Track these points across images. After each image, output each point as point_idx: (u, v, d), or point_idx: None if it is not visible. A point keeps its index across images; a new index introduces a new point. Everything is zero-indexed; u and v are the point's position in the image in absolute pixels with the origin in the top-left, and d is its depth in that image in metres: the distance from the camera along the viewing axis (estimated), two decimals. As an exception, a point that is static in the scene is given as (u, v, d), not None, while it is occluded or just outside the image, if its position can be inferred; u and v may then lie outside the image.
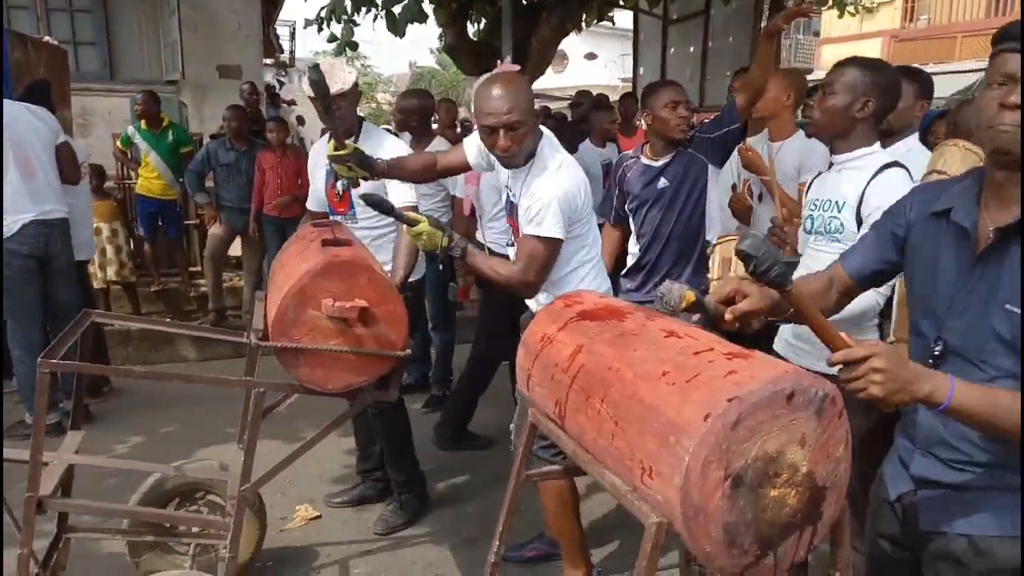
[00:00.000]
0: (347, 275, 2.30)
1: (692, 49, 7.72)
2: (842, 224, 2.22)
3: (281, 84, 16.90)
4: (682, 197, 3.08)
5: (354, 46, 6.86)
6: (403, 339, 2.40)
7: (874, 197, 2.13)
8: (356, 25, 6.69)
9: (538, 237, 2.32)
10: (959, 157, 2.64)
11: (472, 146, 2.63)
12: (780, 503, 1.19)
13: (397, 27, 6.02)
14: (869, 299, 2.13)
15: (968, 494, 1.38)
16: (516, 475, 1.77)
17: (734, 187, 3.41)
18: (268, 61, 13.78)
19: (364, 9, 6.42)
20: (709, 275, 2.34)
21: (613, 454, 1.34)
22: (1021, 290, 1.26)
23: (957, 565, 1.39)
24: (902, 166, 2.23)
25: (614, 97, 6.99)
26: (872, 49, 18.12)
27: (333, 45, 7.08)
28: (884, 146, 2.77)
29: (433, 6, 7.07)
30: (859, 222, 2.17)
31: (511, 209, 2.52)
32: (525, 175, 2.40)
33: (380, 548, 3.20)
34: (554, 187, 2.31)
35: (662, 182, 3.11)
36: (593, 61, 27.57)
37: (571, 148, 3.62)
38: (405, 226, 2.36)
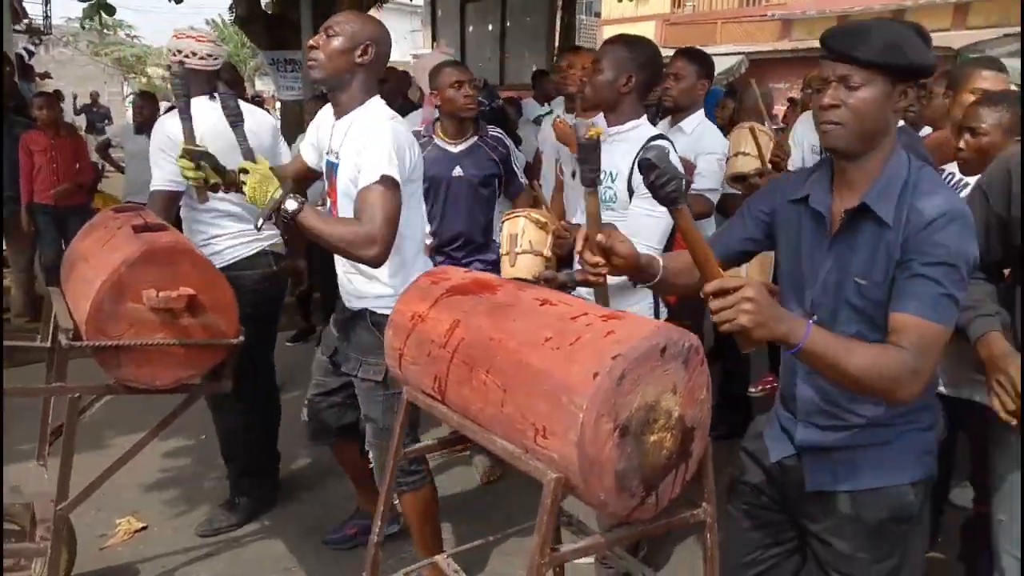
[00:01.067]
0: (169, 262, 2.16)
1: (491, 28, 7.87)
2: (615, 194, 2.36)
3: (31, 54, 14.90)
4: (477, 188, 3.18)
5: (109, 10, 6.20)
6: (234, 326, 2.29)
7: None
8: None
9: (377, 181, 2.06)
10: (755, 139, 3.00)
11: (306, 145, 2.54)
12: (659, 446, 1.32)
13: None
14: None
15: (848, 453, 1.56)
16: (394, 455, 1.78)
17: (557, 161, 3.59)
18: (17, 28, 12.08)
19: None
20: (500, 251, 2.45)
21: (502, 420, 1.40)
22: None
23: (842, 519, 1.57)
24: (667, 138, 2.43)
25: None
26: (647, 30, 19.55)
27: (85, 6, 6.36)
28: (674, 121, 3.07)
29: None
30: (630, 192, 2.33)
31: (329, 173, 2.36)
32: (348, 126, 2.25)
33: (221, 550, 3.04)
34: (389, 131, 2.15)
35: (458, 171, 3.17)
36: (384, 37, 27.13)
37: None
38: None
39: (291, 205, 1.97)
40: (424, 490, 2.53)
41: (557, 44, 7.58)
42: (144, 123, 5.31)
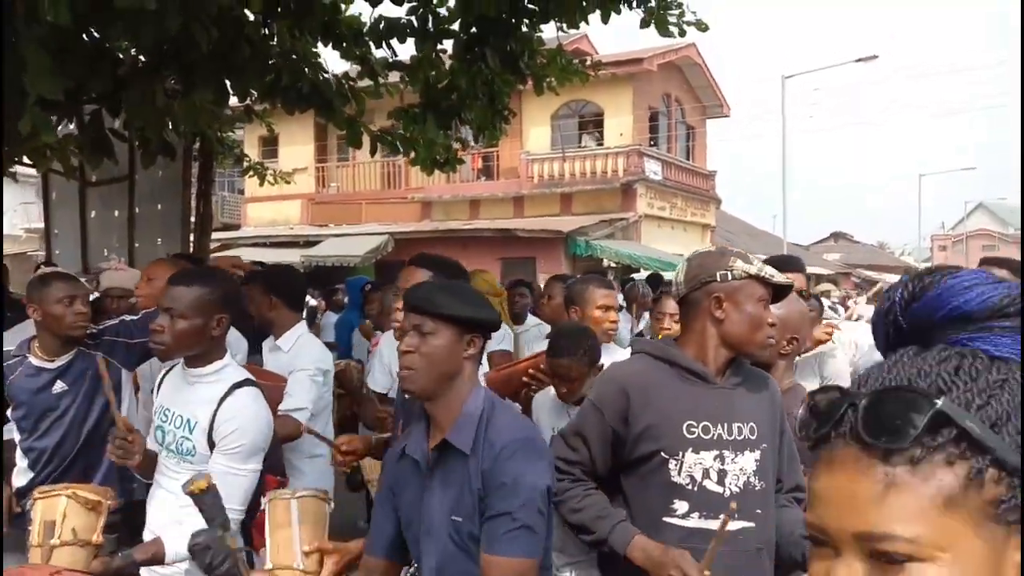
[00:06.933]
0: None
1: (117, 213, 7.30)
2: (194, 446, 2.12)
3: None
4: (88, 404, 2.73)
5: None
6: None
7: (224, 422, 2.08)
8: None
9: None
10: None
11: None
12: None
13: None
14: None
15: None
16: None
17: None
18: None
19: None
20: (30, 541, 1.83)
21: None
22: None
23: None
24: (255, 385, 2.21)
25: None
26: (292, 209, 19.85)
27: None
28: (276, 338, 2.98)
29: None
30: (211, 445, 2.09)
31: None
32: None
33: None
34: None
35: (59, 386, 2.71)
36: (-15, 207, 23.59)
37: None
38: None
39: None
40: None
41: (194, 226, 7.29)
42: None
